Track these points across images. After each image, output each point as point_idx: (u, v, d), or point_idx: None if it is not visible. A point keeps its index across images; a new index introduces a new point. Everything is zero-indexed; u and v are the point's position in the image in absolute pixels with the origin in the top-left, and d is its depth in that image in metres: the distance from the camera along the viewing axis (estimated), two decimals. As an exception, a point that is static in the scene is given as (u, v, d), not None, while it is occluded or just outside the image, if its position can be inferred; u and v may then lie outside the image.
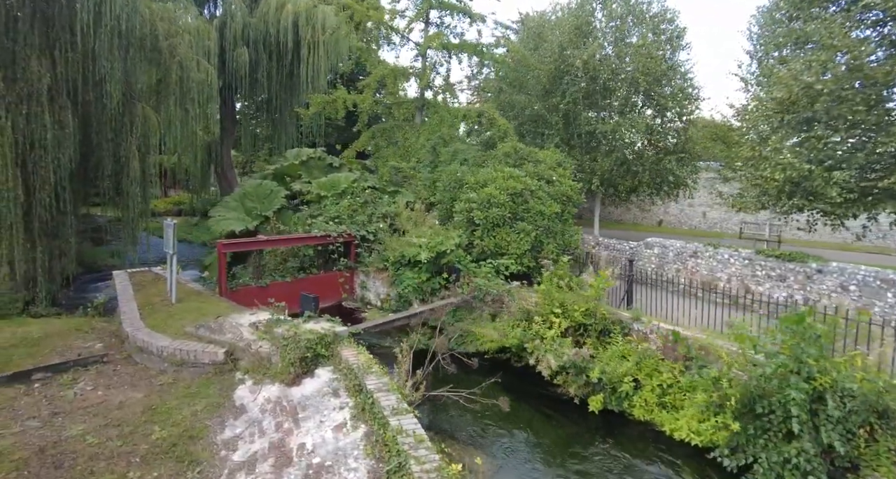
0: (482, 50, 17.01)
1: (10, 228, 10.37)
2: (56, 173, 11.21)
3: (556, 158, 12.26)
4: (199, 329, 6.69)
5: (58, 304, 11.18)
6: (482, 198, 10.26)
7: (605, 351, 6.99)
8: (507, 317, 8.24)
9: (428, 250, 9.03)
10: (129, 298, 8.26)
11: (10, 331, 7.56)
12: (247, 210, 13.24)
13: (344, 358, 5.83)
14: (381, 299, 10.49)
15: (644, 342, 7.03)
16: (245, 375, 6.05)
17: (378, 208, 11.68)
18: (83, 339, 7.58)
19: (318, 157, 14.55)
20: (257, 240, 9.09)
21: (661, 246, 13.14)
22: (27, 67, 10.57)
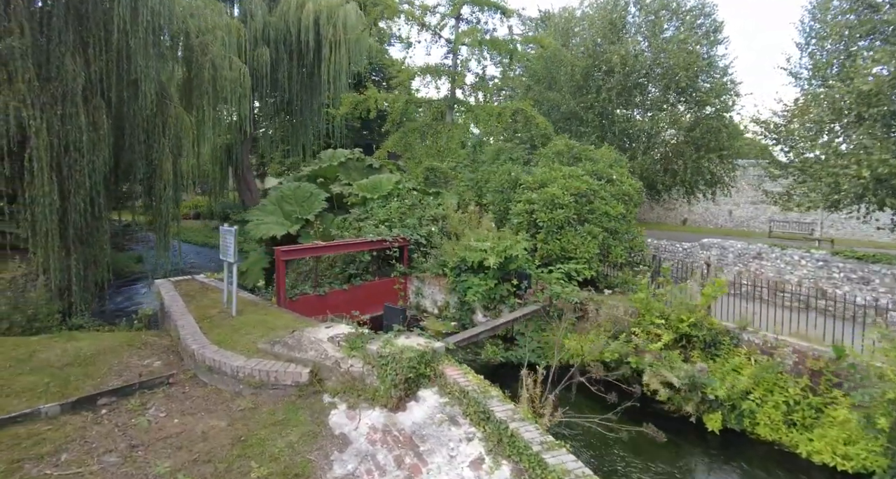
0: (515, 46, 16.42)
1: (46, 236, 9.80)
2: (91, 177, 10.65)
3: (612, 157, 11.65)
4: (274, 346, 6.07)
5: (94, 314, 10.59)
6: (544, 198, 9.66)
7: (715, 364, 6.38)
8: (592, 328, 7.63)
9: (495, 255, 8.43)
10: (182, 310, 7.65)
11: (60, 347, 6.95)
12: (285, 214, 12.66)
13: (450, 378, 5.21)
14: (437, 307, 9.87)
15: (754, 353, 6.43)
16: (335, 397, 5.43)
17: (426, 211, 11.09)
18: (138, 356, 6.97)
19: (356, 158, 13.96)
20: (317, 246, 8.49)
21: (720, 247, 12.53)
22: (61, 66, 10.00)
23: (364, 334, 6.08)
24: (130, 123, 12.10)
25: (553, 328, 8.03)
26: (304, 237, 11.85)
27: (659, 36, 17.22)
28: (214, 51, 13.42)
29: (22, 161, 9.65)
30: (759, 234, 26.94)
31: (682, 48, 16.43)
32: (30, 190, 9.50)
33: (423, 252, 10.29)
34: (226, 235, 7.24)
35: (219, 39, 13.41)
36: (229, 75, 13.64)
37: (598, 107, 17.76)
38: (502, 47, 16.38)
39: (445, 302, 9.63)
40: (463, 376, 5.22)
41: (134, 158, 12.25)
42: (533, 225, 9.82)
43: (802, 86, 14.81)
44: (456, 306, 9.37)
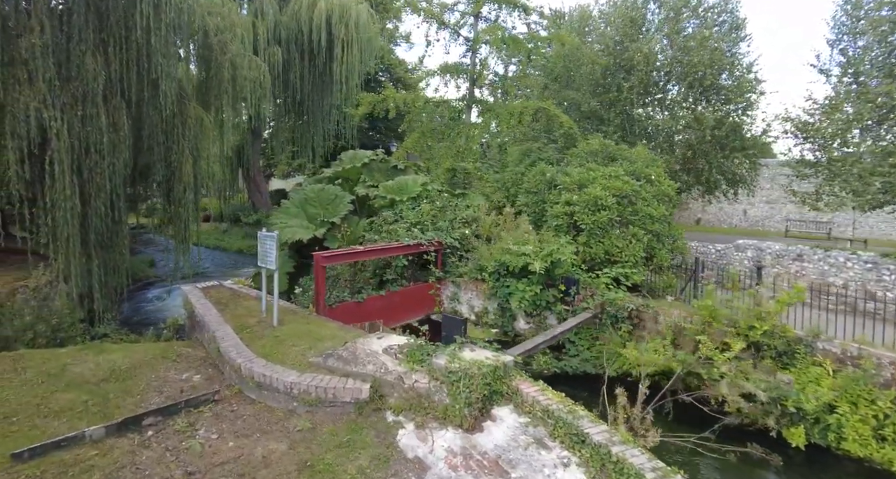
0: (536, 44, 16.08)
1: (67, 241, 9.40)
2: (111, 180, 10.27)
3: (649, 157, 11.29)
4: (327, 359, 5.69)
5: (114, 321, 10.21)
6: (586, 200, 9.29)
7: (791, 375, 6.01)
8: (649, 336, 7.26)
9: (540, 260, 8.05)
10: (217, 319, 7.26)
11: (92, 361, 6.55)
12: (309, 217, 12.27)
13: (526, 395, 4.84)
14: (475, 313, 9.49)
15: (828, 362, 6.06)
16: (399, 416, 5.05)
17: (457, 213, 10.71)
18: (175, 369, 6.58)
19: (380, 159, 13.58)
20: (357, 251, 8.11)
21: (756, 249, 12.18)
22: (81, 66, 9.60)
23: (422, 345, 5.70)
24: (149, 123, 11.72)
25: (607, 336, 7.66)
26: (330, 241, 11.45)
27: (680, 33, 16.89)
28: (234, 50, 13.04)
29: (42, 164, 9.26)
30: (774, 233, 26.64)
31: (704, 46, 16.11)
32: (51, 194, 9.11)
33: (458, 256, 9.92)
34: (265, 240, 6.85)
35: (238, 37, 13.05)
36: (249, 75, 13.27)
37: (620, 106, 17.42)
38: (522, 46, 16.04)
39: (484, 308, 9.26)
40: (541, 393, 4.84)
41: (153, 160, 11.86)
42: (573, 227, 9.46)
43: (833, 83, 14.50)
44: (496, 313, 8.99)
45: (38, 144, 9.02)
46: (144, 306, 13.22)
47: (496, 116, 15.36)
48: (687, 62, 16.14)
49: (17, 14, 9.19)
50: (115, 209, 10.57)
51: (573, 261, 8.34)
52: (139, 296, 14.85)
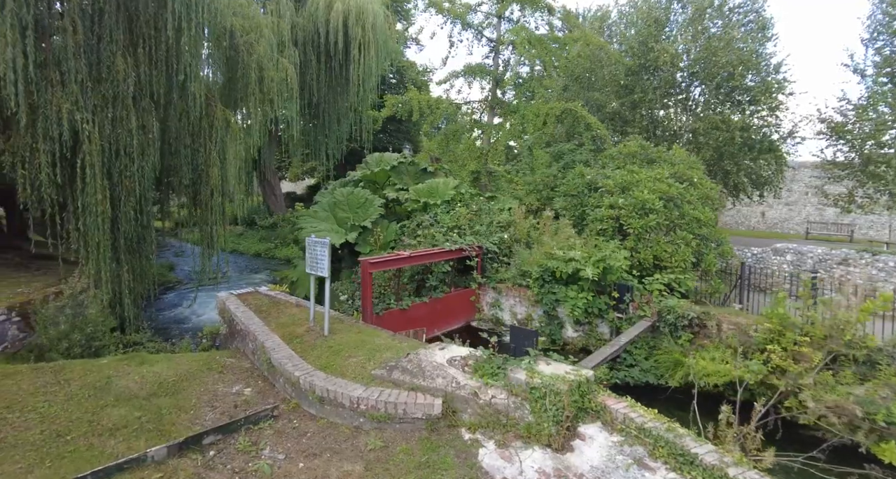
0: (563, 44, 15.83)
1: (98, 247, 9.17)
2: (140, 184, 10.04)
3: (689, 159, 11.01)
4: (392, 372, 5.39)
5: (147, 329, 9.94)
6: (633, 203, 9.01)
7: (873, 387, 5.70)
8: (713, 345, 6.95)
9: (592, 266, 7.76)
10: (262, 328, 6.97)
11: (136, 373, 6.27)
12: (338, 221, 12.01)
13: (615, 412, 4.54)
14: (517, 320, 9.19)
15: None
16: (475, 433, 4.75)
17: (493, 216, 10.43)
18: (223, 382, 6.29)
19: (409, 162, 13.32)
20: (401, 256, 7.83)
21: (796, 252, 11.88)
22: (112, 66, 9.37)
23: (491, 358, 5.41)
24: (176, 125, 11.51)
25: (665, 345, 7.35)
26: (361, 245, 11.19)
27: (704, 33, 16.66)
28: (260, 51, 12.83)
29: (73, 167, 9.03)
30: (794, 236, 26.31)
31: (730, 45, 15.87)
32: (82, 198, 8.88)
33: (499, 261, 9.63)
34: (315, 246, 6.57)
35: (265, 38, 12.83)
36: (276, 76, 13.04)
37: (645, 107, 17.17)
38: (547, 47, 15.78)
39: (528, 315, 8.96)
40: (631, 409, 4.55)
41: (179, 163, 11.61)
42: (618, 231, 9.17)
43: (868, 83, 14.24)
44: (542, 320, 8.69)
45: (70, 146, 8.78)
46: (167, 311, 12.94)
47: (522, 117, 15.09)
48: (714, 62, 15.90)
49: (51, 14, 9.00)
50: (144, 213, 10.35)
51: (625, 267, 8.05)
52: (160, 301, 14.59)
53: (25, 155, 8.52)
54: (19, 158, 8.54)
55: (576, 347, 8.35)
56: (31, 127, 8.35)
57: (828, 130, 14.12)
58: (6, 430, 4.86)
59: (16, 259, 11.62)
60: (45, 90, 8.48)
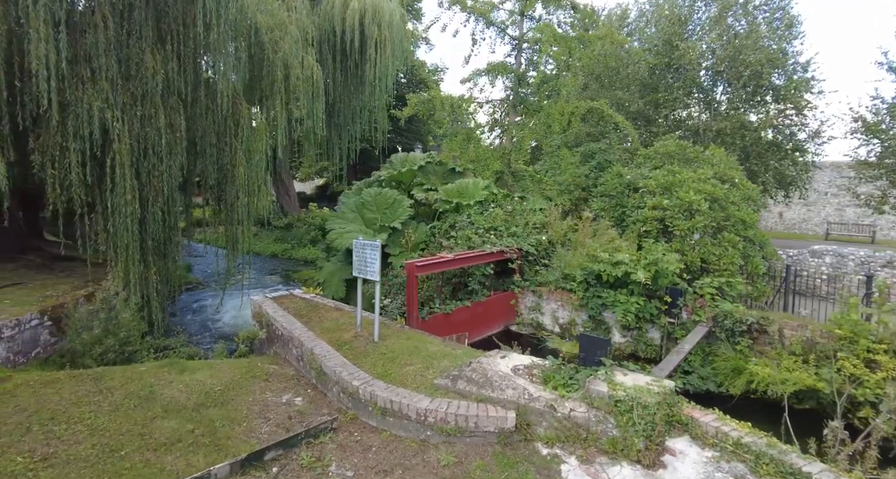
0: (588, 42, 15.56)
1: (127, 249, 8.94)
2: (168, 184, 9.81)
3: (728, 159, 10.72)
4: (456, 382, 5.12)
5: (171, 332, 9.71)
6: (678, 204, 8.72)
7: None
8: (774, 352, 6.67)
9: (643, 269, 7.48)
10: (306, 333, 6.70)
11: (179, 381, 6.01)
12: (366, 222, 11.74)
13: (704, 425, 4.27)
14: (559, 325, 8.91)
15: None
16: (553, 448, 4.48)
17: (528, 217, 10.16)
18: (271, 391, 6.02)
19: (436, 162, 13.05)
20: (446, 259, 7.56)
21: (836, 254, 11.57)
22: (141, 63, 9.13)
23: (561, 367, 5.14)
24: (202, 124, 11.27)
25: (723, 352, 7.07)
26: (392, 247, 10.92)
27: (729, 31, 16.35)
28: (285, 48, 12.60)
29: (102, 167, 8.79)
30: (812, 237, 25.96)
31: (756, 44, 15.57)
32: (112, 198, 8.62)
33: (539, 263, 9.35)
34: (364, 249, 6.31)
35: (290, 35, 12.58)
36: (301, 74, 12.80)
37: (668, 106, 16.89)
38: (571, 44, 15.51)
39: (571, 319, 8.68)
40: (722, 422, 4.27)
41: (205, 163, 11.37)
42: (662, 233, 8.90)
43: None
44: (586, 325, 8.41)
45: (100, 145, 8.54)
46: (190, 313, 12.69)
47: (546, 115, 14.83)
48: (740, 61, 15.59)
49: (82, 9, 8.76)
50: (171, 214, 10.13)
51: (677, 270, 7.77)
52: (178, 302, 14.35)
53: (55, 154, 8.27)
54: (49, 157, 8.29)
55: (623, 353, 8.07)
56: (61, 125, 8.11)
57: (862, 129, 13.81)
58: (55, 444, 4.60)
59: (38, 261, 11.38)
60: (76, 87, 8.23)
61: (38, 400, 5.44)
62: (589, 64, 16.53)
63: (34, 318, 7.16)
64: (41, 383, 5.90)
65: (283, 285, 15.22)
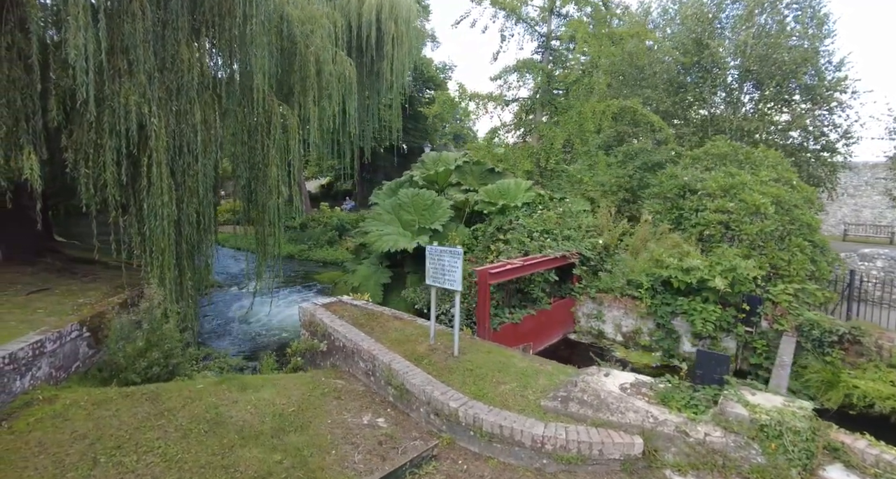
0: (619, 39, 15.20)
1: (163, 253, 8.39)
2: (203, 185, 9.28)
3: (784, 161, 10.40)
4: (566, 404, 4.69)
5: (203, 339, 9.20)
6: (743, 207, 8.37)
7: None
8: (870, 364, 6.33)
9: (720, 276, 7.11)
10: (375, 345, 6.22)
11: (246, 402, 5.51)
12: (404, 224, 11.27)
13: (857, 450, 3.89)
14: (622, 333, 8.52)
15: None
16: (686, 476, 4.07)
17: (579, 220, 9.75)
18: (347, 411, 5.54)
19: (473, 161, 12.58)
20: (516, 265, 7.12)
21: (888, 258, 11.32)
22: (176, 56, 8.58)
23: (678, 386, 4.73)
24: (234, 121, 10.74)
25: (812, 363, 6.71)
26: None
27: (762, 29, 16.10)
28: (317, 42, 12.06)
29: (135, 165, 8.23)
30: (830, 237, 25.85)
31: (788, 43, 15.33)
32: (148, 199, 8.06)
33: (596, 269, 8.96)
34: (441, 256, 5.85)
35: (322, 29, 12.04)
36: (334, 70, 12.26)
37: (698, 106, 16.60)
38: (603, 41, 15.14)
39: (636, 328, 8.30)
40: (881, 449, 3.89)
41: (236, 162, 10.84)
42: (733, 238, 8.54)
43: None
44: (654, 334, 8.04)
45: (136, 143, 7.98)
46: (217, 318, 12.13)
47: (578, 114, 14.44)
48: (773, 60, 15.33)
49: (120, -3, 8.19)
50: (205, 216, 9.58)
51: (758, 277, 7.40)
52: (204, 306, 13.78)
53: (89, 152, 7.69)
54: (82, 155, 7.70)
55: (694, 363, 7.68)
56: (96, 121, 7.54)
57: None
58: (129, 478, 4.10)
59: (57, 264, 10.74)
60: (113, 80, 7.66)
61: (97, 425, 4.92)
62: (615, 62, 16.18)
63: (74, 329, 6.61)
64: (93, 404, 5.37)
65: (306, 287, 14.69)
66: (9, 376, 5.20)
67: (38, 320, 6.70)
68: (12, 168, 7.03)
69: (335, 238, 20.51)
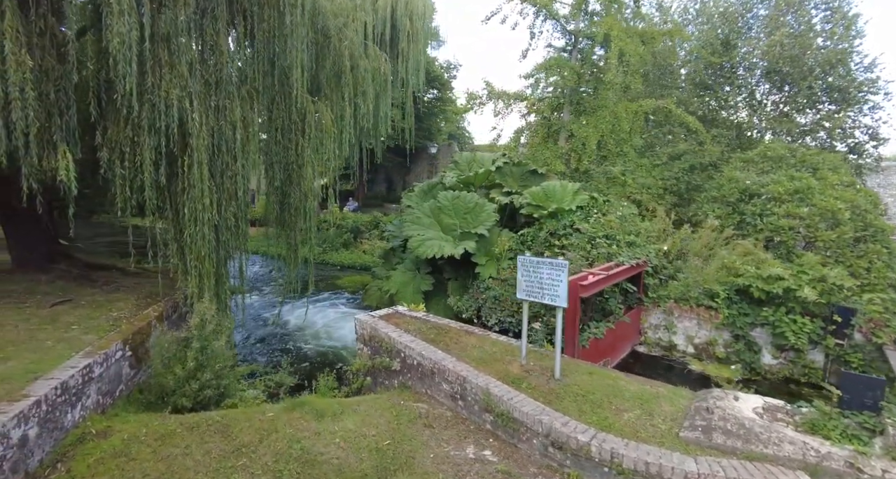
0: (651, 37, 14.86)
1: (204, 260, 7.72)
2: (242, 187, 8.64)
3: (843, 164, 10.13)
4: (709, 434, 4.20)
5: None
6: (819, 212, 8.02)
7: None
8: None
9: (809, 285, 6.73)
10: (459, 365, 5.66)
11: (329, 432, 4.91)
12: (444, 228, 10.71)
13: None
14: (695, 345, 8.07)
15: None
16: (871, 524, 3.62)
17: (638, 225, 9.31)
18: (445, 441, 4.96)
19: (514, 163, 12.06)
20: (602, 275, 6.61)
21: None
22: (215, 46, 7.89)
23: (826, 413, 4.28)
24: (267, 119, 10.07)
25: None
26: (479, 256, 9.93)
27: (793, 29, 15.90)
28: (350, 36, 11.43)
29: (171, 165, 7.52)
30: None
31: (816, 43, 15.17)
32: (189, 203, 7.36)
33: (660, 277, 8.53)
34: (539, 268, 5.31)
35: (356, 22, 11.43)
36: (368, 66, 11.65)
37: (727, 108, 16.36)
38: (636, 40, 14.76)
39: (710, 339, 7.88)
40: None
41: (270, 161, 10.17)
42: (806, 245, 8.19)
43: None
44: (731, 345, 7.62)
45: (176, 141, 7.28)
46: (242, 327, 11.43)
47: (613, 114, 14.03)
48: (804, 60, 15.14)
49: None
50: (242, 220, 8.92)
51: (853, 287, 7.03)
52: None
53: (125, 150, 6.97)
54: (118, 154, 6.98)
55: (777, 377, 7.32)
56: (135, 117, 6.83)
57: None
58: (233, 536, 3.49)
59: (73, 271, 9.92)
60: (153, 73, 6.95)
61: (169, 467, 4.29)
62: (641, 61, 15.85)
63: (118, 349, 5.91)
64: (155, 439, 4.73)
65: (334, 294, 14.03)
66: (60, 408, 4.52)
67: (75, 339, 5.99)
68: (44, 169, 6.29)
69: (350, 241, 19.84)
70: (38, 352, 5.39)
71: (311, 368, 8.59)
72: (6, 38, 5.47)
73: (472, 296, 9.81)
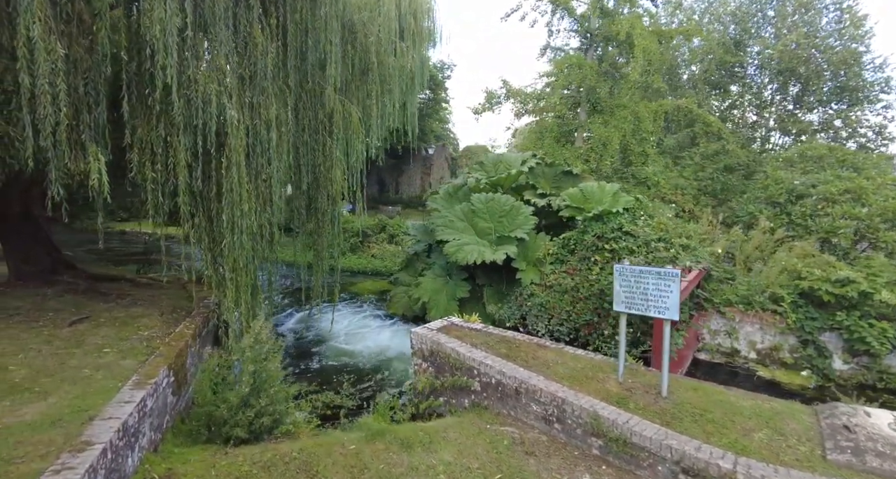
0: (669, 36, 14.74)
1: (239, 271, 7.07)
2: (276, 191, 8.02)
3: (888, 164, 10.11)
4: (862, 457, 3.85)
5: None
6: (880, 213, 7.89)
7: None
8: None
9: (888, 289, 6.54)
10: (552, 385, 5.20)
11: (426, 466, 4.37)
12: (479, 232, 10.26)
13: None
14: (758, 351, 7.81)
15: None
16: None
17: (684, 228, 9.05)
18: (553, 471, 4.48)
19: (546, 163, 11.67)
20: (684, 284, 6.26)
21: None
22: (249, 38, 7.26)
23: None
24: (296, 118, 9.44)
25: None
26: (519, 261, 9.51)
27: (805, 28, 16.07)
28: (376, 31, 10.86)
29: (206, 167, 6.84)
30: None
31: (830, 44, 15.36)
32: (228, 208, 6.69)
33: (715, 281, 8.26)
34: (644, 277, 4.91)
35: (382, 16, 10.85)
36: (395, 63, 11.09)
37: (740, 108, 16.41)
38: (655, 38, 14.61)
39: (775, 344, 7.63)
40: None
41: (298, 163, 9.52)
42: (857, 246, 8.05)
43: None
44: (797, 351, 7.39)
45: (212, 141, 6.61)
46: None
47: (634, 114, 13.84)
48: (817, 60, 15.30)
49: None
50: (274, 226, 8.29)
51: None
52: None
53: (157, 151, 6.27)
54: (148, 155, 6.27)
55: (849, 383, 7.12)
56: (175, 114, 6.14)
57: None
58: None
59: (80, 283, 9.05)
60: (190, 65, 6.27)
61: (260, 516, 3.69)
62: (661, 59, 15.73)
63: (165, 376, 5.22)
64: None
65: (352, 302, 13.37)
66: (122, 453, 3.86)
67: (115, 366, 5.28)
68: (72, 172, 5.56)
69: (357, 244, 19.15)
70: (79, 384, 4.68)
71: (354, 380, 7.92)
72: (36, 22, 4.75)
73: (514, 303, 9.38)
